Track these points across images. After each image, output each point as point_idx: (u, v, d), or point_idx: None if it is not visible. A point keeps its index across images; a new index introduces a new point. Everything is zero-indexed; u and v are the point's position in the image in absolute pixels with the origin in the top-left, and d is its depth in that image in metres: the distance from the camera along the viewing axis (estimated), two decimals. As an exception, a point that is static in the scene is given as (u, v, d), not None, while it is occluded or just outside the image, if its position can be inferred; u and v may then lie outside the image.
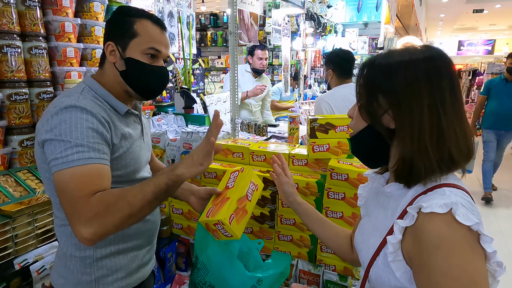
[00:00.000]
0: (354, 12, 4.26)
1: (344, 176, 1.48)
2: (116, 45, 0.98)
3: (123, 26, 0.98)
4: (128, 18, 0.98)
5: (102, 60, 1.03)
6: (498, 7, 12.37)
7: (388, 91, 0.71)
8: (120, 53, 0.98)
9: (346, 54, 2.31)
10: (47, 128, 0.86)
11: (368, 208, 0.89)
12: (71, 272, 0.99)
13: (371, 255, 0.75)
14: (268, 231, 1.73)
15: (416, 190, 0.71)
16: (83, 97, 0.93)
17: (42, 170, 0.95)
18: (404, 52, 0.72)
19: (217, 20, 5.03)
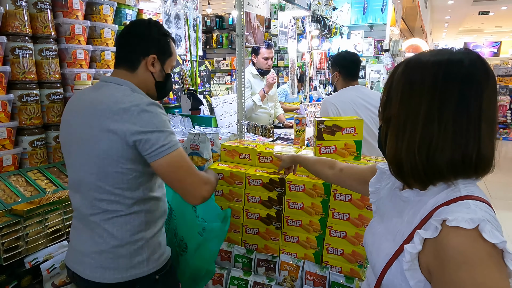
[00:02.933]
0: (359, 14, 4.26)
1: (351, 177, 1.49)
2: (158, 59, 1.17)
3: (164, 45, 1.19)
4: (167, 38, 1.20)
5: (134, 65, 1.14)
6: (504, 9, 12.29)
7: (388, 95, 0.77)
8: (161, 67, 1.18)
9: (352, 57, 2.31)
10: (142, 124, 1.01)
11: (381, 209, 0.88)
12: (124, 258, 1.08)
13: (384, 261, 0.74)
14: (274, 232, 1.73)
15: (437, 199, 0.69)
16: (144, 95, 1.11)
17: (115, 165, 1.03)
18: (424, 53, 0.73)
19: (223, 22, 5.06)
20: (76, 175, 1.10)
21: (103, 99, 1.06)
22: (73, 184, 1.12)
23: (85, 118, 1.06)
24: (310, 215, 1.63)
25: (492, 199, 4.66)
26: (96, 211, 1.07)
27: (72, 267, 1.12)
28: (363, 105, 2.15)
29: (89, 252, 1.07)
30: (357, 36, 4.32)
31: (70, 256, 1.14)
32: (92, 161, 1.04)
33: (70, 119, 1.12)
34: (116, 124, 1.01)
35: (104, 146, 1.02)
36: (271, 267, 1.74)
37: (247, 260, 1.78)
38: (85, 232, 1.09)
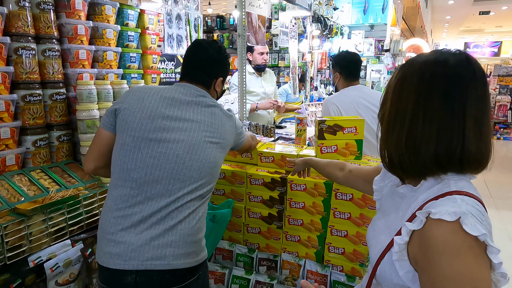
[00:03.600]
0: (360, 14, 4.26)
1: (352, 177, 1.49)
2: (222, 81, 1.40)
3: (227, 68, 1.43)
4: (229, 61, 1.43)
5: (209, 84, 1.35)
6: (505, 9, 12.27)
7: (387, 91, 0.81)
8: (222, 86, 1.43)
9: (352, 57, 2.31)
10: (238, 127, 1.39)
11: (383, 206, 0.90)
12: (199, 243, 1.19)
13: (379, 252, 0.77)
14: (276, 232, 1.74)
15: (428, 194, 0.72)
16: None
17: (213, 166, 1.24)
18: (421, 54, 0.77)
19: (224, 22, 5.06)
20: (169, 164, 1.16)
21: (214, 105, 1.31)
22: (147, 179, 1.14)
23: (201, 118, 1.24)
24: (311, 214, 1.64)
25: (493, 198, 4.67)
26: (183, 201, 1.15)
27: (142, 265, 1.08)
28: (364, 105, 2.16)
29: (171, 240, 1.11)
30: (358, 36, 4.32)
31: (133, 256, 1.08)
32: (192, 161, 1.18)
33: (169, 112, 1.21)
34: (231, 123, 1.35)
35: (215, 150, 1.25)
36: (272, 266, 1.75)
37: (248, 259, 1.78)
38: (162, 222, 1.12)
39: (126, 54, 1.96)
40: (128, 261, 1.08)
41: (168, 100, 1.23)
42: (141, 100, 1.22)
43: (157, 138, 1.17)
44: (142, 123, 1.19)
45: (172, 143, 1.17)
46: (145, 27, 2.08)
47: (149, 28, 2.11)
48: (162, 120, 1.19)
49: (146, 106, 1.21)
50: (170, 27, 2.67)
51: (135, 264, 1.07)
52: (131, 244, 1.09)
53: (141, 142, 1.17)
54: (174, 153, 1.16)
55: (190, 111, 1.24)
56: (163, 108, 1.21)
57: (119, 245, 1.09)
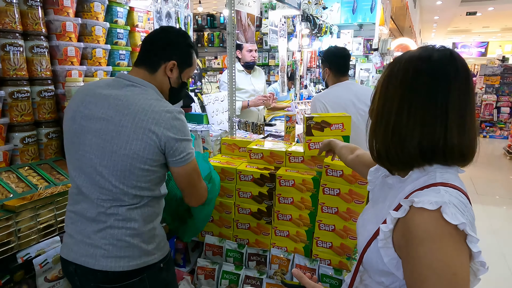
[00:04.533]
0: (349, 13, 4.32)
1: (339, 172, 1.53)
2: (178, 67, 1.23)
3: (187, 55, 1.25)
4: (191, 49, 1.26)
5: (154, 66, 1.20)
6: (491, 10, 12.51)
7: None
8: (179, 74, 1.25)
9: (341, 52, 2.29)
10: (175, 131, 1.10)
11: (374, 196, 0.94)
12: (138, 246, 1.14)
13: (366, 240, 0.80)
14: (265, 227, 1.77)
15: (414, 185, 0.75)
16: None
17: (142, 165, 1.10)
18: (408, 51, 0.80)
19: (214, 21, 5.06)
20: (88, 168, 1.12)
21: (135, 101, 1.11)
22: (82, 176, 1.14)
23: (114, 115, 1.09)
24: (299, 210, 1.67)
25: (478, 195, 4.77)
26: (113, 203, 1.12)
27: (78, 259, 1.13)
28: (351, 102, 2.18)
29: (102, 243, 1.11)
30: (347, 35, 4.38)
31: (74, 249, 1.15)
32: (116, 157, 1.09)
33: (86, 111, 1.13)
34: (154, 127, 1.08)
35: (137, 146, 1.08)
36: (262, 261, 1.77)
37: (238, 255, 1.81)
38: (95, 223, 1.13)
39: (116, 52, 1.96)
40: (70, 253, 1.16)
41: (89, 97, 1.15)
42: (72, 101, 1.20)
43: (77, 140, 1.14)
44: (67, 125, 1.19)
45: (88, 146, 1.12)
46: (134, 25, 2.08)
47: (139, 26, 2.11)
48: (81, 120, 1.13)
49: (72, 107, 1.18)
50: (160, 25, 2.67)
51: (74, 257, 1.15)
52: (74, 238, 1.16)
53: (68, 145, 1.19)
54: (89, 157, 1.12)
55: (106, 107, 1.11)
56: (82, 106, 1.14)
57: (68, 237, 1.19)
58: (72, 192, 1.20)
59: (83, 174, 1.15)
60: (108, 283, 1.13)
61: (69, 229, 1.19)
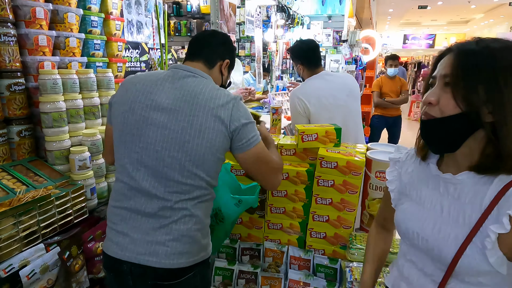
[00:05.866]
0: (319, 5, 4.36)
1: (333, 164, 1.55)
2: (228, 66, 1.31)
3: (233, 58, 1.35)
4: (234, 53, 1.36)
5: (211, 62, 1.25)
6: (440, 4, 13.32)
7: (490, 84, 0.71)
8: (228, 74, 1.34)
9: (308, 45, 2.22)
10: (240, 115, 1.11)
11: (415, 194, 0.88)
12: (199, 241, 1.13)
13: (454, 245, 0.76)
14: (258, 221, 1.76)
15: (501, 179, 0.73)
16: None
17: (214, 154, 1.10)
18: (506, 41, 0.73)
19: (180, 9, 4.87)
20: (153, 160, 1.09)
21: (202, 90, 1.12)
22: (142, 170, 1.10)
23: (183, 105, 1.09)
24: (293, 202, 1.67)
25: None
26: (182, 197, 1.09)
27: (135, 258, 1.08)
28: (329, 94, 2.13)
29: (165, 239, 1.07)
30: (317, 27, 4.42)
31: (129, 247, 1.09)
32: (189, 147, 1.07)
33: (148, 102, 1.11)
34: (223, 114, 1.09)
35: (210, 134, 1.08)
36: (255, 255, 1.76)
37: (231, 250, 1.78)
38: (156, 219, 1.09)
39: (90, 41, 1.82)
40: (124, 251, 1.10)
41: (149, 88, 1.13)
42: (125, 92, 1.16)
43: (138, 132, 1.11)
44: (124, 117, 1.14)
45: (152, 137, 1.09)
46: (108, 12, 1.93)
47: (113, 13, 1.97)
48: (141, 111, 1.11)
49: (129, 98, 1.14)
50: (130, 12, 2.51)
51: (130, 256, 1.09)
52: (128, 236, 1.10)
53: (126, 137, 1.13)
54: (154, 149, 1.09)
55: (171, 98, 1.10)
56: (143, 97, 1.12)
57: (119, 235, 1.12)
58: (121, 187, 1.14)
59: (143, 167, 1.10)
60: (167, 280, 1.10)
61: (119, 227, 1.12)
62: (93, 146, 1.62)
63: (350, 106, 2.11)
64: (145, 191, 1.10)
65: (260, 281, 1.68)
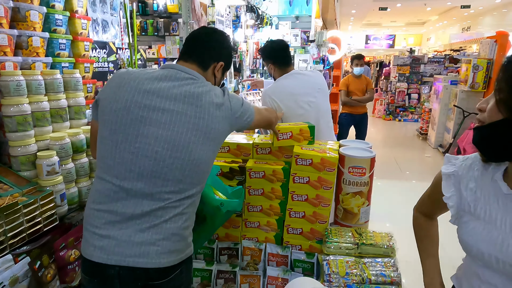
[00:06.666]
0: (286, 5, 4.43)
1: (308, 161, 1.59)
2: (222, 68, 1.30)
3: (230, 59, 1.35)
4: (233, 54, 1.34)
5: (205, 64, 1.25)
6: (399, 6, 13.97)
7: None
8: (221, 76, 1.34)
9: (278, 44, 2.26)
10: (235, 103, 1.23)
11: (483, 213, 0.85)
12: (185, 240, 1.15)
13: None
14: (235, 220, 1.76)
15: None
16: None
17: (199, 163, 1.13)
18: None
19: (146, 8, 4.75)
20: (150, 160, 1.08)
21: (203, 91, 1.15)
22: (136, 170, 1.09)
23: (186, 107, 1.11)
24: (270, 200, 1.70)
25: (402, 171, 5.37)
26: (178, 196, 1.10)
27: (124, 261, 1.05)
28: (300, 92, 2.16)
29: (155, 239, 1.06)
30: (285, 27, 4.50)
31: (116, 251, 1.06)
32: (194, 148, 1.10)
33: (146, 102, 1.10)
34: (224, 112, 1.17)
35: (217, 135, 1.15)
36: (233, 254, 1.77)
37: (209, 250, 1.78)
38: (145, 219, 1.08)
39: (55, 40, 1.74)
40: (111, 255, 1.06)
41: (147, 86, 1.11)
42: (118, 89, 1.12)
43: (134, 132, 1.08)
44: (118, 115, 1.10)
45: (150, 138, 1.08)
46: (74, 10, 1.86)
47: (79, 12, 1.89)
48: (139, 111, 1.09)
49: (122, 95, 1.11)
50: (94, 11, 2.43)
51: (118, 259, 1.06)
52: (114, 239, 1.07)
53: (119, 136, 1.10)
54: (152, 149, 1.08)
55: (172, 99, 1.10)
56: (140, 96, 1.10)
57: (103, 239, 1.08)
58: (105, 188, 1.11)
59: (137, 168, 1.08)
60: (158, 279, 1.09)
61: (104, 231, 1.08)
62: (61, 150, 1.55)
63: (321, 104, 2.17)
64: (137, 192, 1.08)
65: (239, 279, 1.69)
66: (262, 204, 1.71)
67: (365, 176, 1.60)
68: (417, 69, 9.88)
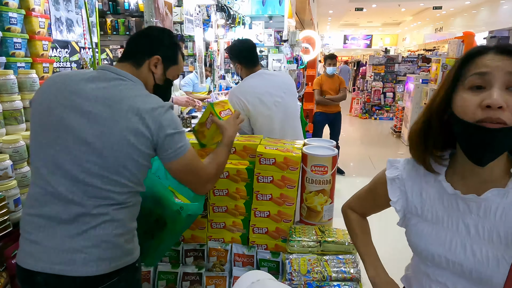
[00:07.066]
0: (259, 5, 4.44)
1: (272, 160, 1.60)
2: (162, 62, 1.22)
3: (171, 52, 1.26)
4: (176, 48, 1.27)
5: (138, 62, 1.19)
6: (374, 7, 14.27)
7: None
8: (163, 71, 1.24)
9: (244, 44, 2.26)
10: (166, 123, 1.08)
11: (430, 215, 0.85)
12: (120, 247, 1.09)
13: (499, 267, 0.73)
14: (200, 221, 1.75)
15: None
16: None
17: (135, 160, 1.07)
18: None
19: (117, 7, 4.64)
20: (70, 164, 1.04)
21: (126, 95, 1.08)
22: (58, 173, 1.04)
23: (104, 109, 1.04)
24: (235, 200, 1.69)
25: (375, 169, 5.49)
26: (101, 202, 1.05)
27: (49, 268, 1.01)
28: (267, 92, 2.15)
29: (82, 246, 1.02)
30: (258, 27, 4.50)
31: (43, 257, 1.03)
32: (108, 152, 1.04)
33: (68, 103, 1.05)
34: (147, 121, 1.05)
35: (132, 141, 1.05)
36: (199, 255, 1.76)
37: (174, 253, 1.76)
38: (74, 226, 1.04)
39: (9, 40, 1.67)
40: (38, 262, 1.03)
41: (73, 87, 1.08)
42: (45, 91, 1.10)
43: (55, 134, 1.05)
44: (41, 118, 1.08)
45: (69, 140, 1.04)
46: (30, 8, 1.79)
47: (36, 10, 1.83)
48: (60, 112, 1.05)
49: (46, 97, 1.09)
50: (58, 9, 2.35)
51: (44, 266, 1.03)
52: (42, 245, 1.04)
53: (42, 138, 1.08)
54: (70, 152, 1.04)
55: (93, 100, 1.05)
56: (62, 98, 1.06)
57: (31, 245, 1.05)
58: (36, 193, 1.07)
59: (59, 171, 1.03)
60: (87, 287, 1.04)
61: (33, 236, 1.05)
62: (15, 154, 1.49)
63: (288, 104, 2.18)
64: (62, 196, 1.04)
65: (205, 281, 1.67)
66: (227, 204, 1.70)
67: (327, 175, 1.62)
68: (392, 68, 10.12)
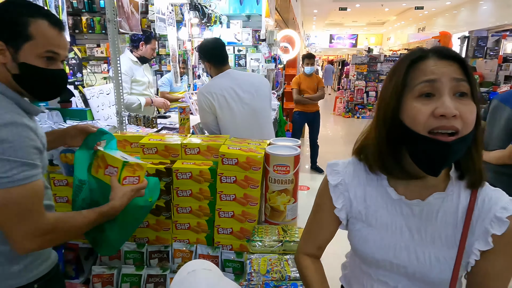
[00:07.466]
0: (237, 4, 4.42)
1: (234, 160, 1.59)
2: (6, 46, 0.95)
3: (15, 27, 0.94)
4: (21, 18, 0.94)
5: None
6: (358, 7, 14.40)
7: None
8: (12, 55, 0.96)
9: (213, 43, 2.27)
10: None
11: (374, 221, 0.84)
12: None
13: (441, 267, 0.74)
14: (165, 223, 1.73)
15: (460, 190, 0.75)
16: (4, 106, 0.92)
17: None
18: None
19: (93, 5, 4.55)
20: None
21: None
22: None
23: None
24: (199, 201, 1.68)
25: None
26: None
27: None
28: (234, 91, 2.17)
29: None
30: (236, 26, 4.49)
31: None
32: None
33: None
34: None
35: None
36: (164, 257, 1.74)
37: (138, 255, 1.73)
38: None
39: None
40: None
41: None
42: None
43: None
44: None
45: None
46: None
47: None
48: None
49: None
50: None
51: None
52: None
53: None
54: None
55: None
56: None
57: None
58: None
59: None
60: None
61: None
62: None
63: (255, 105, 2.18)
64: None
65: (169, 282, 1.66)
66: (191, 205, 1.69)
67: (289, 174, 1.62)
68: (374, 67, 10.24)
